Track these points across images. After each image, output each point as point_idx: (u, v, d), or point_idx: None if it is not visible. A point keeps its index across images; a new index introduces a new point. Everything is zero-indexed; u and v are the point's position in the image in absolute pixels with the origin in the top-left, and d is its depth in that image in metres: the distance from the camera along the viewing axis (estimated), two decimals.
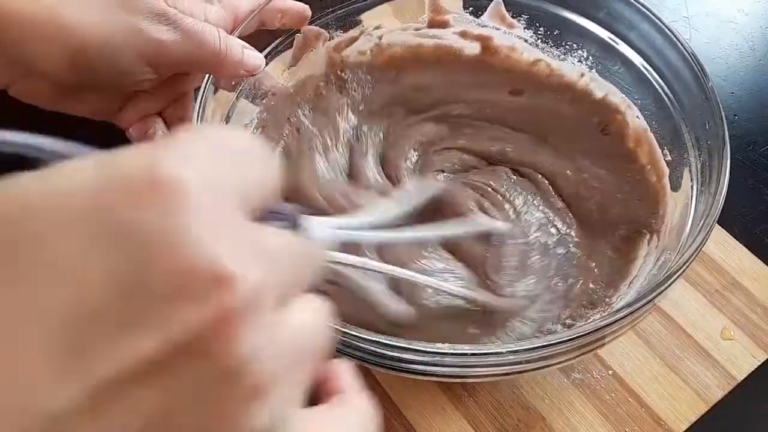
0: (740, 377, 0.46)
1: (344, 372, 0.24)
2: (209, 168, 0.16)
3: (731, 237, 0.53)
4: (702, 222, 0.37)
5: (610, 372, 0.46)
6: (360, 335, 0.32)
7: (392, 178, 0.53)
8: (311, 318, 0.19)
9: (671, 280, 0.33)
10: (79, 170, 0.15)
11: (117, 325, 0.14)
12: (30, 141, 0.17)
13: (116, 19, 0.39)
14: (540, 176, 0.52)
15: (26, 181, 0.15)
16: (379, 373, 0.46)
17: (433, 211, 0.48)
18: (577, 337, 0.31)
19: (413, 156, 0.54)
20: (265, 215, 0.19)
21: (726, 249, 0.52)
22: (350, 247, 0.40)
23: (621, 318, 0.32)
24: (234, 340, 0.15)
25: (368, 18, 0.55)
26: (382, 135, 0.55)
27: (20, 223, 0.15)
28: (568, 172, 0.52)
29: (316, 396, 0.22)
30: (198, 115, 0.42)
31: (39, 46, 0.39)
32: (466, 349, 0.32)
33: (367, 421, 0.22)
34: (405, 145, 0.54)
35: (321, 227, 0.26)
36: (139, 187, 0.15)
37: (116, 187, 0.15)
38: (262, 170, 0.18)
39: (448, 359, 0.32)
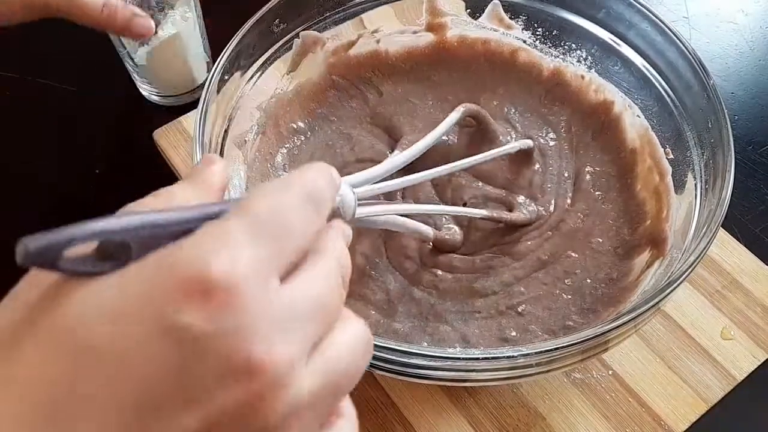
0: (740, 377, 0.46)
1: None
2: (255, 250, 0.18)
3: (731, 237, 0.53)
4: (706, 226, 0.37)
5: (610, 372, 0.47)
6: None
7: None
8: (349, 345, 0.21)
9: (675, 286, 0.33)
10: (136, 275, 0.18)
11: (170, 409, 0.17)
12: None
13: None
14: None
15: (83, 293, 0.18)
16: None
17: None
18: (580, 342, 0.31)
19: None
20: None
21: (726, 249, 0.52)
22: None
23: (624, 323, 0.32)
24: (263, 415, 0.18)
25: (368, 21, 0.55)
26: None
27: (82, 337, 0.17)
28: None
29: None
30: (200, 120, 0.42)
31: None
32: (470, 353, 0.32)
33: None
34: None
35: (352, 188, 0.28)
36: (192, 293, 0.17)
37: (171, 291, 0.17)
38: (303, 227, 0.20)
39: (455, 363, 0.32)
